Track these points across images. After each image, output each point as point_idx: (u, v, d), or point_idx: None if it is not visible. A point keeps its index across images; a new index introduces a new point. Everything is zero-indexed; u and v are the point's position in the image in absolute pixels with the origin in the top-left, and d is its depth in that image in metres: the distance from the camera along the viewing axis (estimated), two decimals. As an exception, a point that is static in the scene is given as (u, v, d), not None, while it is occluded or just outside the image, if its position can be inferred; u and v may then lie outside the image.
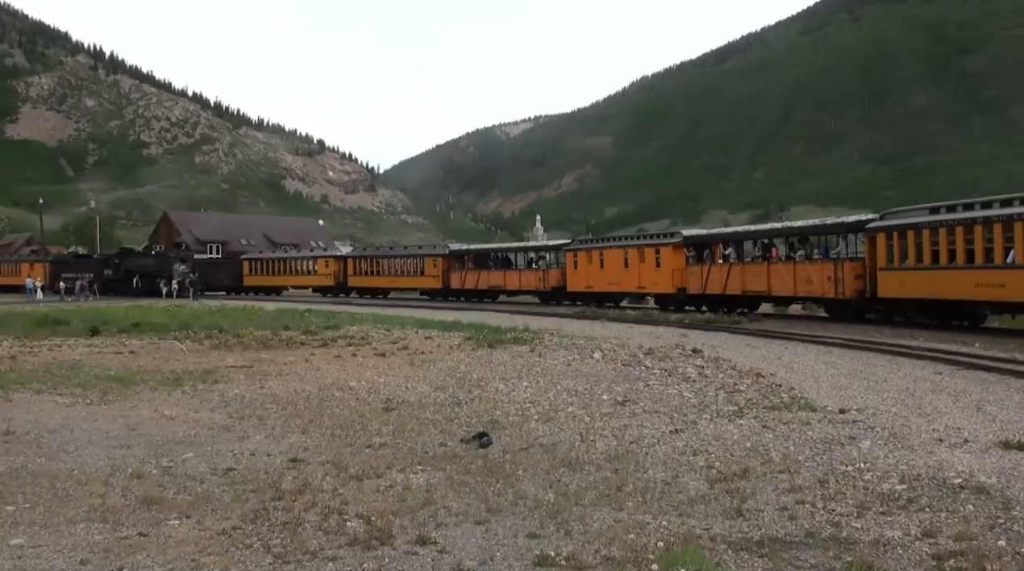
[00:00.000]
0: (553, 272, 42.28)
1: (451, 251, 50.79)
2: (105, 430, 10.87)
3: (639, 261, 35.99)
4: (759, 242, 31.75)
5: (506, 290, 46.27)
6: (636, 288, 36.92)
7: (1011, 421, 10.21)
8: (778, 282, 28.83)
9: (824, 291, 26.89)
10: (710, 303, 32.12)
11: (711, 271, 31.92)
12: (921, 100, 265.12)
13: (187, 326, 26.46)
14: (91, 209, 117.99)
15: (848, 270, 25.93)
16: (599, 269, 38.20)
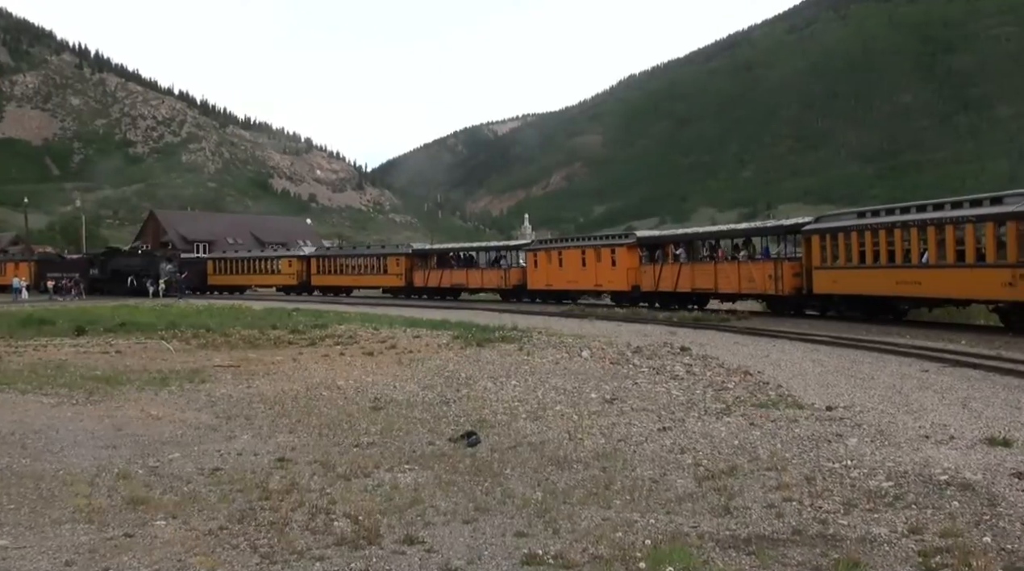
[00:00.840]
0: (514, 271, 43.98)
1: (414, 250, 52.88)
2: (91, 430, 10.82)
3: (596, 261, 38.06)
4: (707, 243, 33.74)
5: (468, 288, 47.84)
6: (593, 286, 38.86)
7: (996, 418, 10.27)
8: (724, 280, 31.05)
9: (765, 288, 29.01)
10: (662, 299, 34.04)
11: (663, 270, 33.99)
12: (907, 98, 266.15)
13: (174, 325, 26.40)
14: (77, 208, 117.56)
15: (787, 269, 28.14)
16: (558, 268, 40.12)
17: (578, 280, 39.26)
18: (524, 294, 42.80)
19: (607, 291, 38.59)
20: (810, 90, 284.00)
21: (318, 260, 58.79)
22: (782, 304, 29.12)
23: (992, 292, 20.60)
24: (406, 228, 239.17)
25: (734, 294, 31.37)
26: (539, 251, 42.04)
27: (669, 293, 33.64)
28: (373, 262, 55.13)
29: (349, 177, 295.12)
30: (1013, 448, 8.56)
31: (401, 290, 51.56)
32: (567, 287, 40.04)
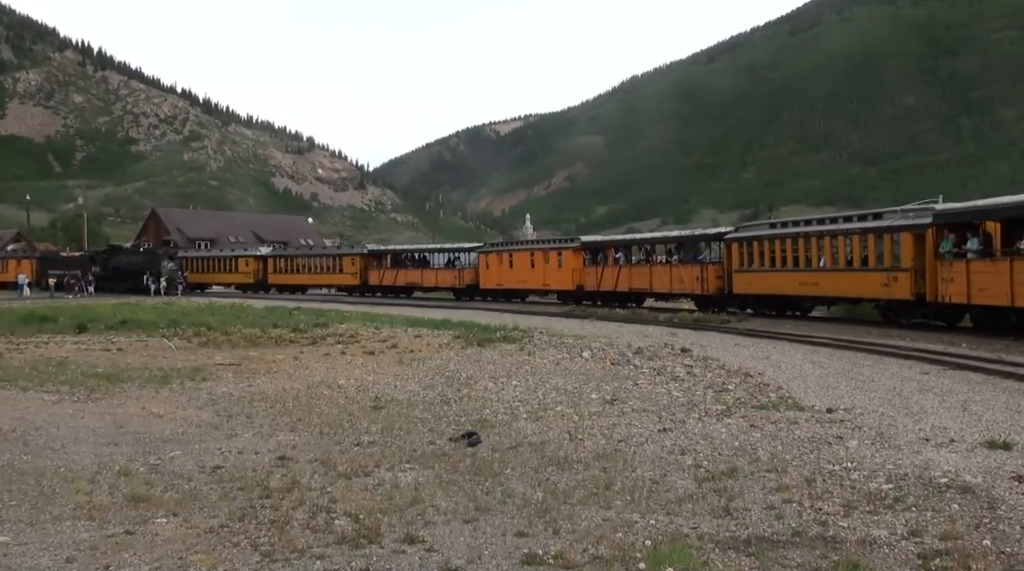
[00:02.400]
0: (467, 271, 47.10)
1: (369, 251, 57.36)
2: (92, 428, 10.84)
3: (544, 262, 41.58)
4: (643, 248, 38.03)
5: (423, 287, 51.01)
6: (541, 285, 42.61)
7: (996, 421, 10.27)
8: (658, 281, 34.95)
9: (693, 288, 33.06)
10: (604, 298, 37.67)
11: (604, 272, 37.82)
12: (910, 101, 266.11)
13: (175, 324, 26.40)
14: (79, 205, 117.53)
15: (711, 272, 32.10)
16: (509, 269, 43.66)
17: (527, 280, 42.69)
18: (476, 293, 45.86)
19: (554, 290, 42.02)
20: (813, 92, 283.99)
21: (274, 260, 62.34)
22: (707, 302, 32.60)
23: (874, 292, 24.83)
24: (407, 228, 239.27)
25: (667, 293, 35.21)
26: (491, 253, 45.77)
27: (610, 292, 37.11)
28: (329, 262, 58.40)
29: (351, 176, 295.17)
30: (1013, 451, 8.56)
31: (356, 288, 54.67)
32: (517, 286, 43.39)
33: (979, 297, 20.40)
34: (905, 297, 23.40)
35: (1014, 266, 18.98)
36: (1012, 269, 19.02)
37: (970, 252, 21.14)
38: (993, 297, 19.83)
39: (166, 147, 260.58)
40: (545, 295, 43.29)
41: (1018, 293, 18.83)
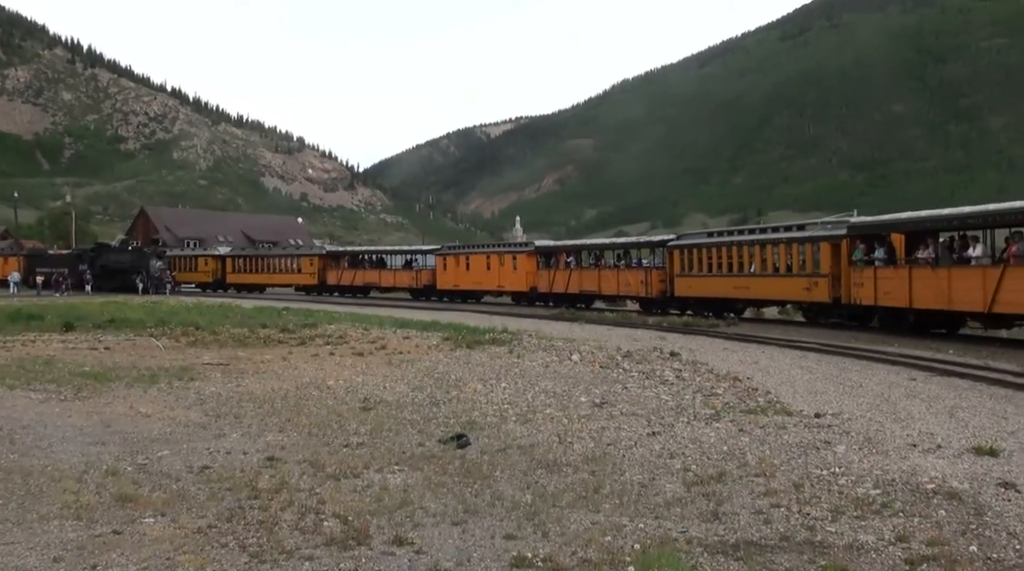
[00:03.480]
0: (425, 272, 49.48)
1: (328, 251, 60.12)
2: (79, 427, 10.79)
3: (499, 265, 44.06)
4: (593, 253, 40.28)
5: (380, 286, 53.21)
6: (496, 287, 44.81)
7: (983, 427, 10.31)
8: (606, 284, 37.28)
9: (638, 291, 35.47)
10: (555, 299, 40.14)
11: (556, 274, 40.38)
12: (899, 108, 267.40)
13: (163, 323, 26.28)
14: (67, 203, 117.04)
15: (655, 276, 34.56)
16: (465, 270, 46.12)
17: (483, 281, 45.10)
18: (433, 293, 48.15)
19: (508, 291, 44.26)
20: (802, 98, 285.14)
21: (233, 259, 64.44)
22: (651, 304, 34.85)
23: (797, 295, 27.85)
24: (397, 229, 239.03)
25: (614, 296, 37.56)
26: (448, 256, 48.00)
27: (561, 294, 39.75)
28: (288, 262, 60.58)
29: (341, 177, 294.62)
30: (999, 458, 8.61)
31: (314, 288, 56.51)
32: (473, 287, 45.86)
33: (884, 299, 23.28)
34: (824, 300, 26.19)
35: (912, 273, 22.09)
36: (911, 275, 22.11)
37: (877, 261, 23.97)
38: (895, 299, 22.74)
39: (155, 146, 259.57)
40: (500, 296, 45.54)
41: (915, 296, 21.90)
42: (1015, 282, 18.71)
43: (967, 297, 20.27)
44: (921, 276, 21.82)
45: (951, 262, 21.33)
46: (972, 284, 20.11)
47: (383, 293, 52.91)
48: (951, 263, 21.27)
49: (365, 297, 51.54)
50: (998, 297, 19.18)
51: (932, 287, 21.32)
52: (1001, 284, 19.08)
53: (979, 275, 20.05)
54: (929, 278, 21.52)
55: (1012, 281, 18.79)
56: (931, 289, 21.37)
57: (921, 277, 21.81)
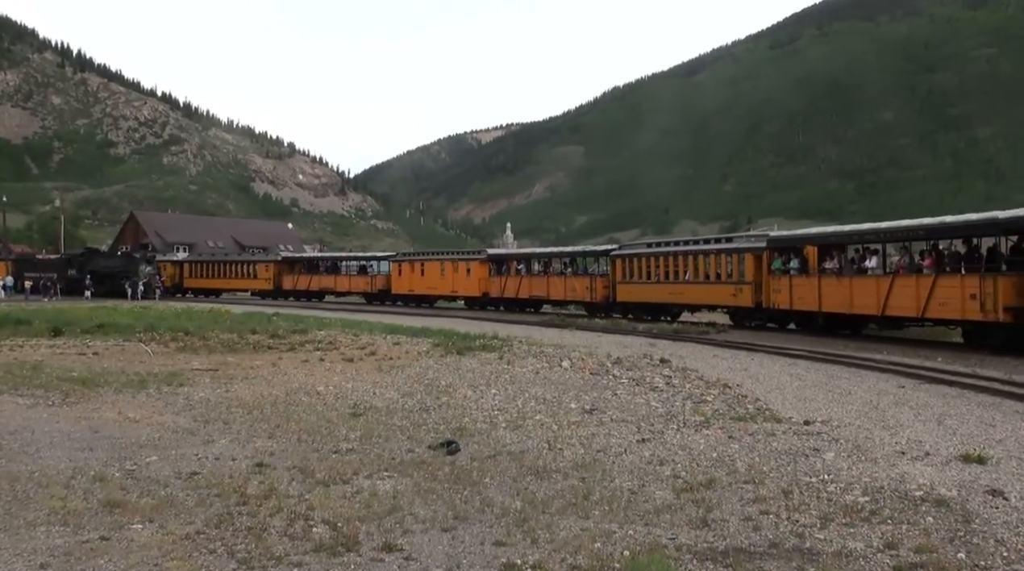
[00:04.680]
0: (379, 277, 52.23)
1: (283, 257, 63.09)
2: (67, 432, 10.74)
3: (453, 271, 46.51)
4: (542, 261, 43.39)
5: (336, 291, 56.03)
6: (450, 292, 47.27)
7: (971, 435, 10.36)
8: (554, 290, 40.47)
9: (584, 296, 38.66)
10: (506, 304, 43.00)
11: (507, 281, 43.24)
12: (888, 116, 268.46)
13: (152, 328, 26.21)
14: (56, 208, 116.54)
15: (599, 282, 37.69)
16: (420, 276, 48.71)
17: (436, 287, 47.59)
18: (388, 297, 50.74)
19: (462, 296, 46.65)
20: (792, 106, 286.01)
21: (191, 265, 66.75)
22: (596, 308, 37.67)
23: (725, 300, 30.87)
24: (388, 235, 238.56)
25: (561, 300, 40.55)
26: (403, 262, 50.98)
27: (512, 299, 42.54)
28: (244, 268, 63.06)
29: (331, 182, 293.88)
30: (987, 465, 8.64)
31: (269, 293, 58.80)
32: (427, 292, 48.38)
33: (798, 304, 26.42)
34: (747, 304, 29.10)
35: (821, 281, 25.39)
36: (820, 283, 25.38)
37: (792, 270, 26.97)
38: (807, 304, 25.91)
39: (145, 150, 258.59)
40: (453, 300, 48.24)
41: (824, 301, 25.15)
42: (902, 290, 22.22)
43: (865, 302, 23.59)
44: (829, 284, 25.08)
45: (852, 272, 24.70)
46: (869, 291, 23.49)
47: (338, 297, 55.75)
48: (852, 273, 24.63)
49: (320, 301, 54.45)
50: (889, 302, 22.62)
51: (838, 293, 24.66)
52: (891, 291, 22.54)
53: (874, 283, 23.41)
54: (835, 285, 24.83)
55: (899, 289, 22.29)
56: (837, 295, 24.68)
57: (829, 285, 25.07)
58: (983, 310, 19.78)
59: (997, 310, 19.42)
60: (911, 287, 21.98)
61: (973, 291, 20.07)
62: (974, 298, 19.99)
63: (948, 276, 21.13)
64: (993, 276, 19.71)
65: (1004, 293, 19.34)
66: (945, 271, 21.36)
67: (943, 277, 21.21)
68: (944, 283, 21.07)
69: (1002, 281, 19.45)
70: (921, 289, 21.61)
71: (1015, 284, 19.36)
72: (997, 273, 19.77)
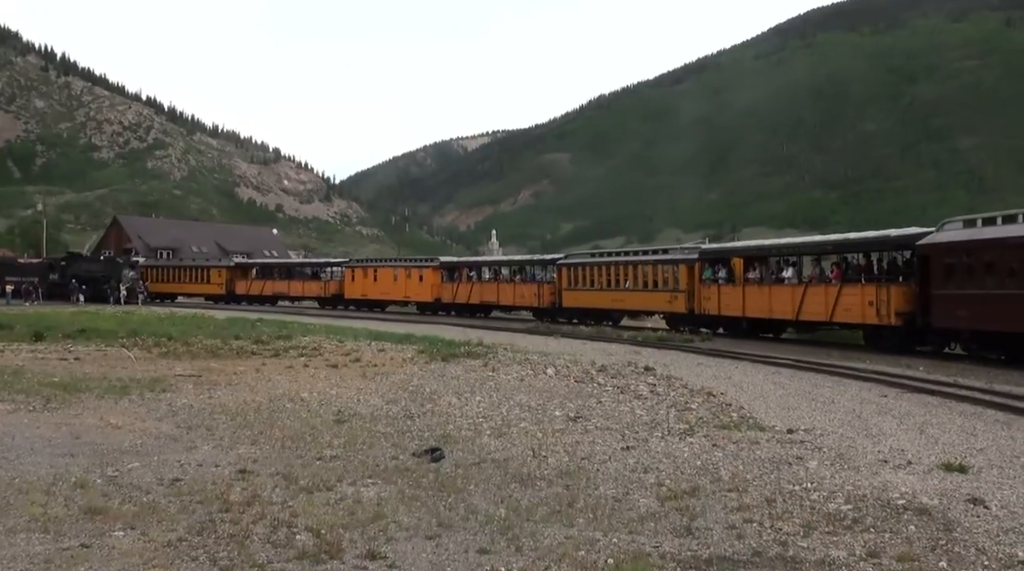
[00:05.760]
0: (332, 283, 54.16)
1: (236, 263, 64.73)
2: (48, 438, 10.66)
3: (406, 278, 48.86)
4: (492, 268, 45.89)
5: (289, 296, 58.01)
6: (403, 297, 49.53)
7: (952, 444, 10.43)
8: (504, 296, 42.89)
9: (532, 302, 40.99)
10: (457, 309, 45.27)
11: (459, 287, 45.65)
12: (871, 127, 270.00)
13: (135, 333, 26.04)
14: (38, 212, 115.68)
15: (546, 289, 40.04)
16: (373, 282, 50.77)
17: (390, 292, 49.80)
18: (341, 302, 52.54)
19: (414, 301, 49.02)
20: (776, 116, 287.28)
21: (148, 269, 66.90)
22: (542, 313, 40.11)
23: (661, 306, 33.73)
24: (373, 241, 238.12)
25: (510, 306, 43.03)
26: (356, 268, 52.97)
27: (463, 304, 44.93)
28: (197, 273, 64.91)
29: (316, 188, 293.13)
30: (968, 474, 8.71)
31: (221, 298, 60.32)
32: (380, 297, 50.43)
33: (725, 310, 29.14)
34: (681, 310, 31.71)
35: (746, 289, 28.24)
36: (744, 292, 28.27)
37: (720, 279, 29.51)
38: (733, 310, 28.76)
39: (129, 155, 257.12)
40: (405, 305, 50.47)
41: (748, 307, 28.07)
42: (813, 297, 25.37)
43: (783, 308, 26.60)
44: (752, 292, 27.96)
45: (772, 281, 27.45)
46: (786, 298, 26.52)
47: (292, 302, 57.70)
48: (772, 282, 27.42)
49: (273, 306, 55.84)
50: (803, 308, 25.66)
51: (759, 300, 27.61)
52: (804, 299, 25.62)
53: (790, 292, 26.47)
54: (757, 293, 27.78)
55: (811, 297, 25.44)
56: (759, 302, 27.63)
57: (752, 293, 27.95)
58: (879, 315, 23.00)
59: (890, 315, 22.67)
60: (821, 295, 25.13)
61: (871, 298, 23.27)
62: (872, 305, 23.18)
63: (851, 285, 24.33)
64: (887, 286, 23.08)
65: (896, 300, 22.60)
66: (848, 281, 24.54)
67: (847, 286, 24.40)
68: (848, 292, 24.27)
69: (894, 290, 22.81)
70: (829, 297, 24.80)
71: (904, 293, 22.57)
72: (890, 283, 23.12)
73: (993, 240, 19.90)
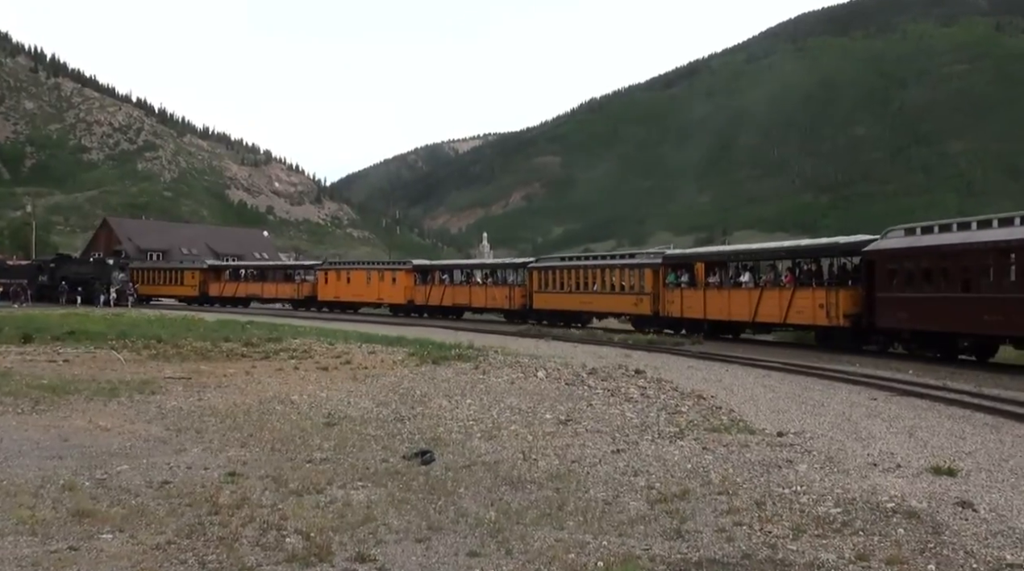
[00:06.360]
0: (306, 285, 55.05)
1: (209, 265, 65.06)
2: (36, 440, 10.60)
3: (379, 280, 49.96)
4: (464, 271, 47.28)
5: (262, 298, 58.79)
6: (376, 299, 50.61)
7: (941, 447, 10.47)
8: (476, 298, 44.33)
9: (503, 304, 42.50)
10: (430, 310, 46.76)
11: (432, 289, 46.97)
12: (861, 131, 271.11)
13: (125, 335, 25.93)
14: (27, 213, 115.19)
15: (517, 292, 41.53)
16: (346, 284, 51.89)
17: (363, 294, 50.87)
18: (314, 304, 53.53)
19: (387, 304, 50.23)
20: (767, 119, 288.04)
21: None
22: (513, 314, 41.57)
23: (628, 308, 35.23)
24: (364, 243, 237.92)
25: (482, 308, 44.23)
26: (329, 270, 54.03)
27: (436, 306, 46.39)
28: (171, 275, 65.54)
29: (308, 190, 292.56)
30: (957, 477, 8.74)
31: (195, 300, 61.08)
32: (353, 299, 51.40)
33: (687, 312, 30.76)
34: (646, 313, 33.14)
35: (706, 293, 29.92)
36: (705, 295, 29.90)
37: (683, 283, 31.20)
38: (695, 312, 30.44)
39: (119, 156, 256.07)
40: (378, 307, 51.61)
41: (708, 310, 29.70)
42: (768, 300, 27.04)
43: (741, 310, 28.35)
44: (712, 295, 29.58)
45: (731, 285, 29.12)
46: (743, 301, 28.20)
47: (264, 304, 58.51)
48: (731, 286, 29.11)
49: (245, 308, 56.76)
50: (759, 311, 27.37)
51: (719, 303, 29.25)
52: (760, 301, 27.35)
53: (747, 295, 28.10)
54: (717, 297, 29.41)
55: (767, 300, 27.15)
56: (719, 305, 29.26)
57: (712, 296, 29.57)
58: (829, 317, 24.69)
59: (839, 317, 24.37)
60: (775, 298, 26.82)
61: (821, 301, 24.99)
62: (822, 307, 24.89)
63: (803, 289, 26.03)
64: (836, 289, 24.78)
65: (844, 303, 24.26)
66: (801, 285, 26.15)
67: (799, 290, 26.11)
68: (800, 295, 25.97)
69: (843, 293, 24.49)
70: (783, 300, 26.48)
71: (852, 296, 24.22)
72: (839, 287, 24.79)
73: (930, 247, 21.68)
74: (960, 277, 20.67)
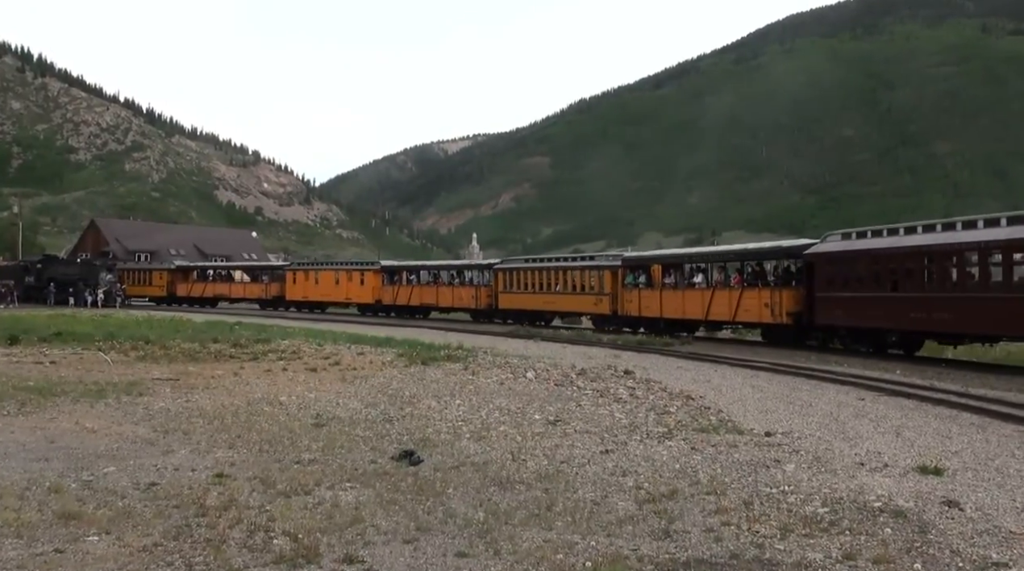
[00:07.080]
0: (273, 285, 55.69)
1: (177, 266, 65.70)
2: (22, 442, 10.55)
3: (348, 280, 50.77)
4: (431, 272, 48.12)
5: (230, 298, 59.71)
6: (344, 299, 51.61)
7: (928, 447, 10.51)
8: (442, 298, 45.63)
9: (469, 304, 43.57)
10: (397, 310, 47.58)
11: (399, 290, 47.79)
12: (848, 132, 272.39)
13: (112, 336, 25.81)
14: (14, 214, 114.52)
15: (483, 292, 42.55)
16: (315, 284, 52.55)
17: (331, 294, 51.63)
18: (282, 304, 54.05)
19: (355, 303, 51.09)
20: (755, 120, 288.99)
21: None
22: (479, 314, 42.93)
23: (589, 308, 36.79)
24: (353, 244, 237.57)
25: (449, 308, 45.42)
26: (297, 270, 54.76)
27: (403, 306, 47.15)
28: (140, 275, 66.71)
29: (296, 191, 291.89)
30: (943, 477, 8.77)
31: (163, 299, 61.89)
32: (321, 299, 52.22)
33: (645, 312, 32.19)
34: (606, 312, 34.68)
35: (663, 293, 31.38)
36: (662, 295, 31.39)
37: (641, 284, 32.65)
38: (652, 312, 31.79)
39: (107, 157, 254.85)
40: (347, 307, 52.70)
41: (664, 309, 31.04)
42: (719, 300, 28.52)
43: (694, 309, 29.80)
44: (668, 295, 31.07)
45: (685, 286, 30.63)
46: (696, 301, 29.70)
47: (232, 304, 59.19)
48: (685, 287, 30.63)
49: (214, 308, 57.63)
50: (711, 309, 28.91)
51: (675, 303, 30.69)
52: (712, 301, 28.82)
53: (700, 295, 29.60)
54: (673, 297, 30.87)
55: (718, 299, 28.64)
56: (674, 304, 30.69)
57: (668, 296, 31.06)
58: (773, 315, 26.30)
59: (782, 315, 25.98)
60: (725, 298, 28.26)
61: (767, 301, 26.58)
62: (767, 306, 26.47)
63: (750, 289, 27.58)
64: (780, 290, 26.42)
65: (787, 302, 25.87)
66: (748, 286, 27.66)
67: (747, 290, 27.63)
68: (748, 295, 27.49)
69: (786, 293, 26.10)
70: (732, 300, 27.95)
71: (794, 296, 25.78)
72: (783, 287, 26.41)
73: (862, 251, 23.55)
74: (889, 278, 22.43)
